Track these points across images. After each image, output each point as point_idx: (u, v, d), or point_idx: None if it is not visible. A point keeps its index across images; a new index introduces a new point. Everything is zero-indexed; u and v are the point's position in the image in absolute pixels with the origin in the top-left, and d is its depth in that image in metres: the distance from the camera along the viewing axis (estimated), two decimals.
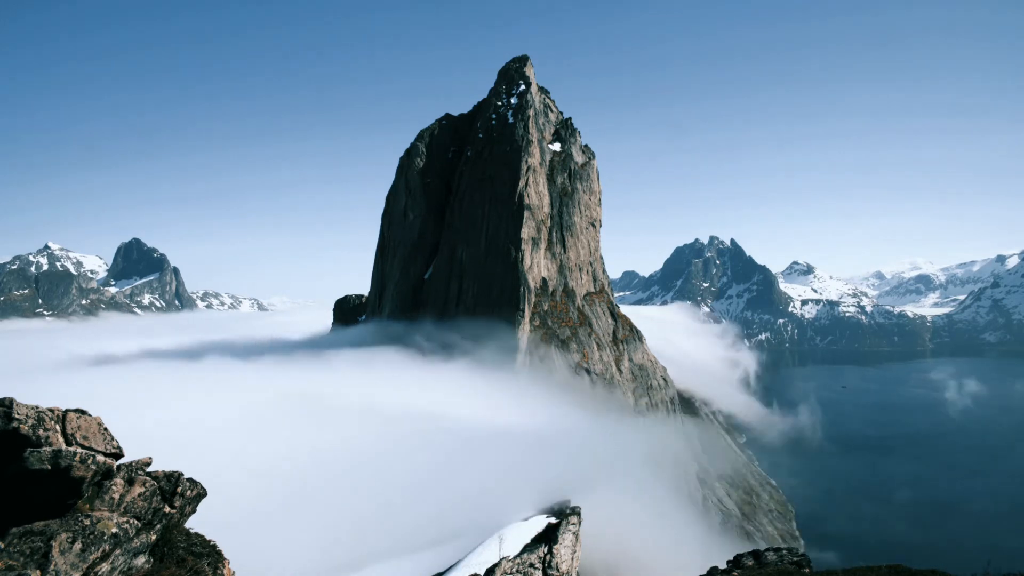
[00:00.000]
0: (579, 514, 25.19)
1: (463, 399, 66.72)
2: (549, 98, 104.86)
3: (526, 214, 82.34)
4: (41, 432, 7.42)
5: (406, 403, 65.56)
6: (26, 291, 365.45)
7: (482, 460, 51.29)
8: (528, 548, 20.22)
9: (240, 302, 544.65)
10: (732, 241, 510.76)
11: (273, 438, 52.10)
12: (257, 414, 59.25)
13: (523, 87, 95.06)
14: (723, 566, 19.99)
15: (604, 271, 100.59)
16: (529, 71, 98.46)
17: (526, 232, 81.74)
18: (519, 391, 69.49)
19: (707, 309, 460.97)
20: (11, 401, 7.39)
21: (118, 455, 8.39)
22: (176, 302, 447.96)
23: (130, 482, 8.27)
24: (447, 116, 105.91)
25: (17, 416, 7.27)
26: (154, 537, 8.46)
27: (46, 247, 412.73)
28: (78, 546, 7.06)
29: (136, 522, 8.09)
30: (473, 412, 63.73)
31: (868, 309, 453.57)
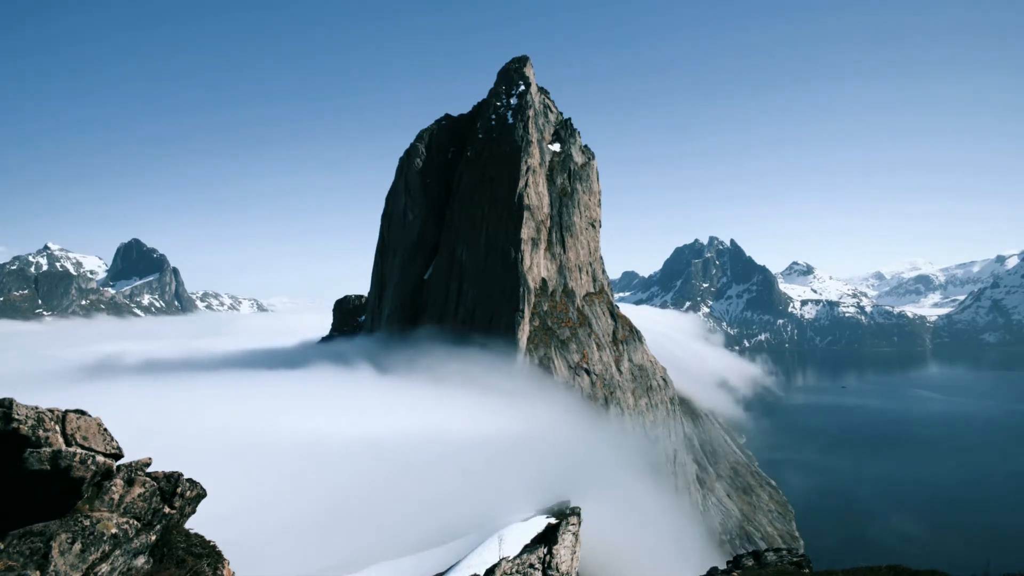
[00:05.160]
0: (579, 514, 25.20)
1: (462, 401, 66.71)
2: (549, 98, 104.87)
3: (526, 214, 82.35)
4: (41, 432, 7.42)
5: (405, 405, 65.57)
6: (25, 291, 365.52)
7: (481, 463, 51.30)
8: (528, 548, 20.23)
9: (240, 303, 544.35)
10: (732, 241, 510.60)
11: (272, 438, 52.10)
12: (257, 415, 59.26)
13: (523, 87, 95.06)
14: (723, 566, 20.00)
15: (604, 271, 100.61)
16: (529, 71, 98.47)
17: (526, 232, 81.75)
18: (518, 392, 69.48)
19: (707, 310, 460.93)
20: (11, 402, 7.38)
21: (118, 456, 8.39)
22: (176, 303, 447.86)
23: (130, 483, 8.26)
24: (447, 116, 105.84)
25: (17, 416, 7.27)
26: (154, 538, 8.46)
27: (45, 247, 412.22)
28: (78, 547, 7.06)
29: (136, 523, 8.08)
30: (471, 413, 63.71)
31: (868, 309, 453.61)
